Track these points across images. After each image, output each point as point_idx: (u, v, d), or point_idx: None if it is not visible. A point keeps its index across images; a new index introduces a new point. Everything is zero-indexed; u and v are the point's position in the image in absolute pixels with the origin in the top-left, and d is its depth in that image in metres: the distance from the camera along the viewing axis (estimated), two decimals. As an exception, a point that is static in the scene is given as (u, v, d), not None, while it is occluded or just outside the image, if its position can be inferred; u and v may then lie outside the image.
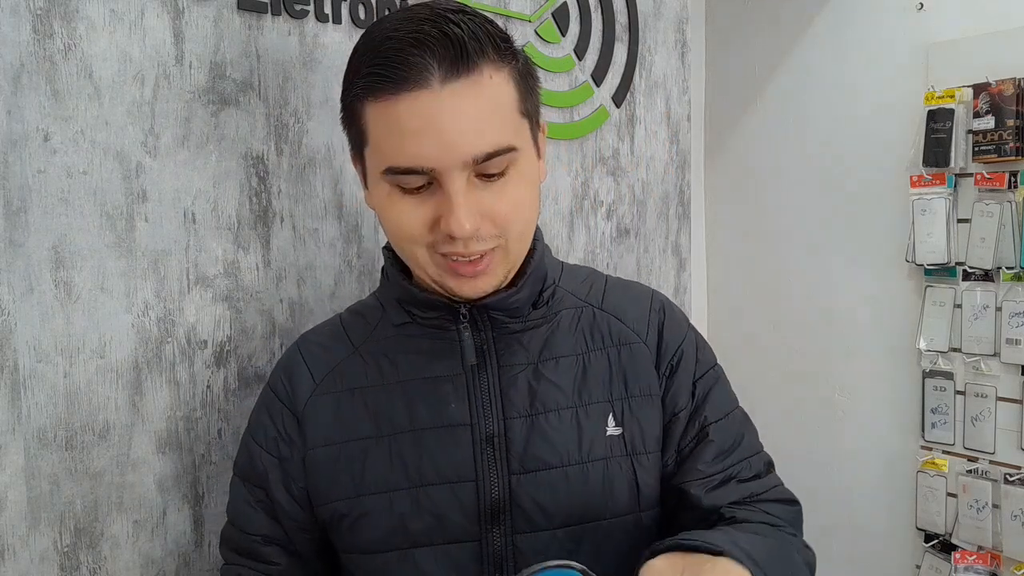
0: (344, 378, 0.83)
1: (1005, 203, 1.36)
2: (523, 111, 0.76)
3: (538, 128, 0.80)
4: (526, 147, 0.76)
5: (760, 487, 0.82)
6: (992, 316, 1.39)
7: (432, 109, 0.69)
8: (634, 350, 0.84)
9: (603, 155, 1.46)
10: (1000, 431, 1.39)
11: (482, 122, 0.71)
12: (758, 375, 1.76)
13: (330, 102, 1.08)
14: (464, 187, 0.71)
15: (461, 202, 0.70)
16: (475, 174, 0.72)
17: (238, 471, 0.87)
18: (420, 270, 0.78)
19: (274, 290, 1.04)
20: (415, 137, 0.70)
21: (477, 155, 0.70)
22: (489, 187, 0.73)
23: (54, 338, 0.87)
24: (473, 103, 0.70)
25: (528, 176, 0.77)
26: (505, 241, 0.75)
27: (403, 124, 0.70)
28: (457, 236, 0.71)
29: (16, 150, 0.84)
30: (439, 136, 0.69)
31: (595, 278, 0.91)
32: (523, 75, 0.76)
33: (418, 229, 0.74)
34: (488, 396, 0.80)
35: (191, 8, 0.96)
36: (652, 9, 1.52)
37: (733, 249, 1.82)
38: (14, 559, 0.85)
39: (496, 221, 0.73)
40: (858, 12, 1.58)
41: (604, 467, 0.80)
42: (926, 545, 1.50)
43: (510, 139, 0.73)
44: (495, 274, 0.76)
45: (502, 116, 0.73)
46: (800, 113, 1.69)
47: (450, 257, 0.74)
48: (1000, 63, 1.36)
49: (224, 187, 0.99)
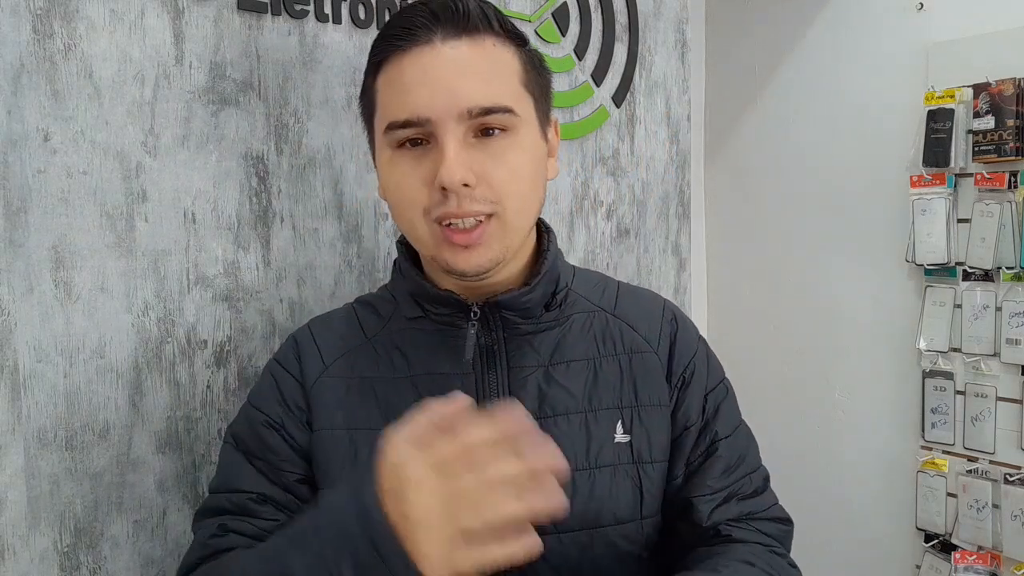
0: (355, 366, 0.83)
1: (1005, 203, 1.36)
2: (526, 86, 0.78)
3: (548, 119, 0.82)
4: (528, 119, 0.77)
5: (758, 506, 0.84)
6: (992, 316, 1.39)
7: (432, 61, 0.73)
8: (645, 359, 0.84)
9: (603, 155, 1.46)
10: (1000, 431, 1.39)
11: (479, 76, 0.74)
12: (758, 375, 1.76)
13: (330, 102, 1.08)
14: (458, 141, 0.73)
15: (452, 153, 0.72)
16: (472, 134, 0.74)
17: (234, 440, 0.84)
18: (421, 244, 0.78)
19: (274, 290, 1.04)
20: (414, 88, 0.73)
21: (472, 107, 0.72)
22: (486, 148, 0.74)
23: (54, 338, 0.87)
24: (472, 58, 0.74)
25: (530, 151, 0.77)
26: (502, 211, 0.75)
27: (405, 77, 0.74)
28: (447, 186, 0.72)
29: (16, 150, 0.84)
30: (435, 84, 0.73)
31: (607, 283, 0.91)
32: (529, 59, 0.79)
33: (416, 187, 0.75)
34: (496, 396, 0.80)
35: (191, 8, 0.96)
36: (652, 9, 1.52)
37: (733, 249, 1.82)
38: (14, 559, 0.85)
39: (492, 184, 0.74)
40: (858, 12, 1.58)
41: (611, 474, 0.80)
42: (926, 545, 1.50)
43: (508, 101, 0.75)
44: (490, 247, 0.76)
45: (501, 78, 0.76)
46: (800, 113, 1.69)
47: (444, 222, 0.74)
48: (1000, 63, 1.36)
49: (224, 187, 0.99)
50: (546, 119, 0.81)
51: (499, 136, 0.75)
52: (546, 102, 0.82)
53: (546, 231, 0.86)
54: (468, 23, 0.74)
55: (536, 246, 0.85)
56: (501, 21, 0.77)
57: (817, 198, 1.67)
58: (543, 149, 0.81)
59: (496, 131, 0.75)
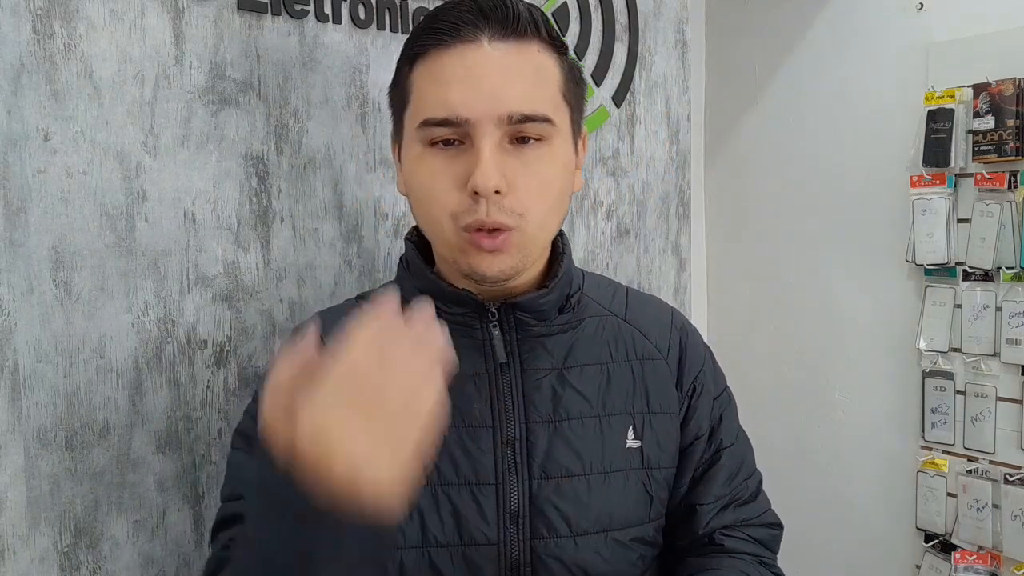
0: None
1: (1005, 203, 1.36)
2: (566, 96, 0.77)
3: (579, 130, 0.81)
4: (564, 131, 0.76)
5: (752, 512, 0.86)
6: (992, 316, 1.39)
7: (476, 60, 0.71)
8: (656, 366, 0.85)
9: (603, 155, 1.46)
10: (1000, 431, 1.39)
11: (523, 82, 0.72)
12: (758, 375, 1.76)
13: (330, 102, 1.08)
14: (494, 145, 0.71)
15: (489, 156, 0.71)
16: (508, 140, 0.72)
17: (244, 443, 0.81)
18: (443, 245, 0.77)
19: (274, 290, 1.04)
20: (455, 85, 0.71)
21: (513, 112, 0.71)
22: (520, 156, 0.73)
23: (54, 338, 0.87)
24: (517, 63, 0.72)
25: (561, 162, 0.76)
26: (525, 224, 0.74)
27: (446, 74, 0.72)
28: (480, 191, 0.70)
29: (16, 150, 0.84)
30: (478, 84, 0.71)
31: (615, 287, 0.91)
32: (570, 72, 0.78)
33: (446, 189, 0.73)
34: (510, 399, 0.79)
35: (191, 8, 0.96)
36: (652, 9, 1.52)
37: (733, 249, 1.82)
38: (14, 559, 0.85)
39: (520, 195, 0.73)
40: (858, 12, 1.58)
41: (624, 478, 0.80)
42: (926, 545, 1.50)
43: (548, 110, 0.74)
44: (511, 255, 0.75)
45: (544, 86, 0.74)
46: (800, 113, 1.69)
47: (472, 228, 0.73)
48: (1000, 63, 1.36)
49: (224, 187, 0.99)
50: (579, 131, 0.81)
51: (533, 145, 0.74)
52: (580, 113, 0.81)
53: (560, 235, 0.85)
54: (517, 26, 0.72)
55: (551, 250, 0.84)
56: (548, 28, 0.76)
57: (817, 198, 1.66)
58: (573, 162, 0.80)
59: (531, 140, 0.73)
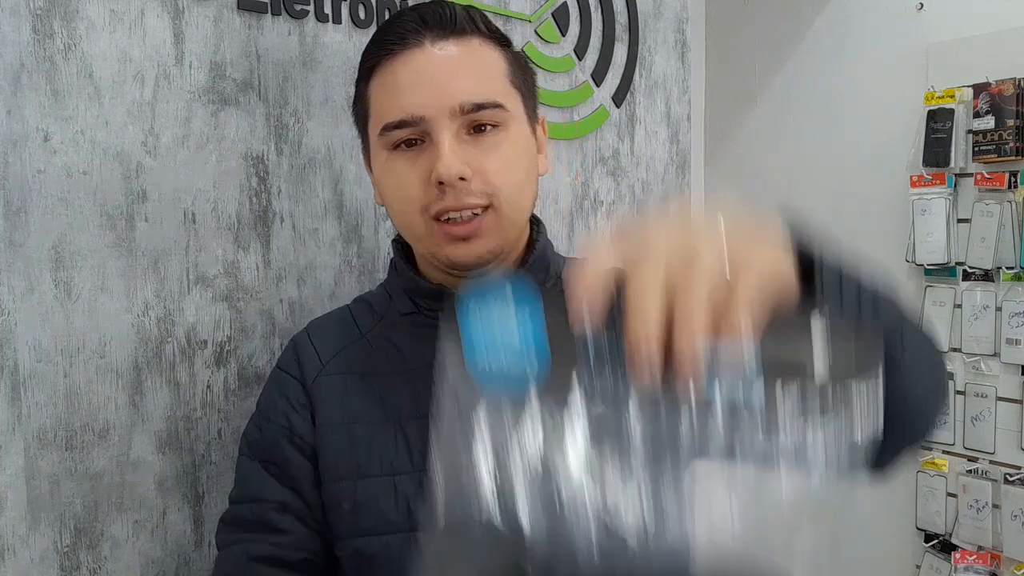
0: (351, 362, 0.84)
1: (1005, 203, 1.36)
2: (514, 83, 0.80)
3: (535, 115, 0.84)
4: (518, 115, 0.80)
5: None
6: (992, 316, 1.39)
7: (422, 62, 0.76)
8: None
9: (603, 155, 1.46)
10: (1000, 431, 1.39)
11: (469, 74, 0.77)
12: (758, 375, 1.76)
13: (330, 102, 1.08)
14: (452, 137, 0.75)
15: (448, 148, 0.74)
16: (465, 131, 0.76)
17: (249, 449, 0.86)
18: (419, 241, 0.80)
19: (274, 290, 1.04)
20: (407, 88, 0.76)
21: (464, 102, 0.75)
22: (479, 144, 0.76)
23: (54, 338, 0.87)
24: (461, 58, 0.77)
25: (521, 144, 0.80)
26: (498, 202, 0.76)
27: (398, 79, 0.76)
28: (444, 180, 0.73)
29: (16, 150, 0.84)
30: (427, 83, 0.75)
31: None
32: (515, 60, 0.82)
33: (413, 185, 0.76)
34: None
35: (191, 8, 0.96)
36: (652, 9, 1.52)
37: (733, 249, 1.82)
38: (14, 559, 0.85)
39: (486, 178, 0.76)
40: (858, 12, 1.58)
41: None
42: (926, 545, 1.50)
43: (498, 96, 0.77)
44: (488, 238, 0.77)
45: (490, 75, 0.78)
46: (800, 113, 1.69)
47: (442, 218, 0.76)
48: (1000, 63, 1.36)
49: (224, 187, 0.99)
50: (534, 115, 0.84)
51: (491, 132, 0.77)
52: (533, 99, 0.84)
53: (536, 223, 0.87)
54: (455, 26, 0.77)
55: (528, 241, 0.86)
56: (486, 23, 0.80)
57: (817, 198, 1.66)
58: (533, 144, 0.83)
59: (488, 127, 0.77)
